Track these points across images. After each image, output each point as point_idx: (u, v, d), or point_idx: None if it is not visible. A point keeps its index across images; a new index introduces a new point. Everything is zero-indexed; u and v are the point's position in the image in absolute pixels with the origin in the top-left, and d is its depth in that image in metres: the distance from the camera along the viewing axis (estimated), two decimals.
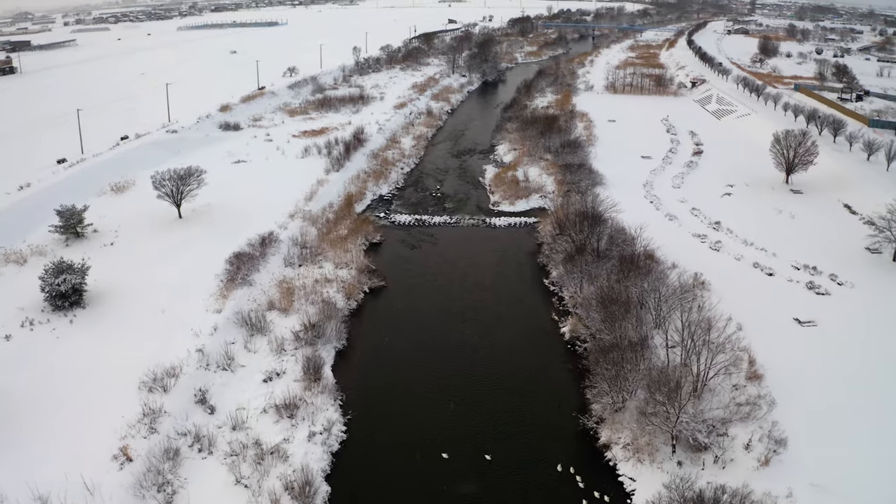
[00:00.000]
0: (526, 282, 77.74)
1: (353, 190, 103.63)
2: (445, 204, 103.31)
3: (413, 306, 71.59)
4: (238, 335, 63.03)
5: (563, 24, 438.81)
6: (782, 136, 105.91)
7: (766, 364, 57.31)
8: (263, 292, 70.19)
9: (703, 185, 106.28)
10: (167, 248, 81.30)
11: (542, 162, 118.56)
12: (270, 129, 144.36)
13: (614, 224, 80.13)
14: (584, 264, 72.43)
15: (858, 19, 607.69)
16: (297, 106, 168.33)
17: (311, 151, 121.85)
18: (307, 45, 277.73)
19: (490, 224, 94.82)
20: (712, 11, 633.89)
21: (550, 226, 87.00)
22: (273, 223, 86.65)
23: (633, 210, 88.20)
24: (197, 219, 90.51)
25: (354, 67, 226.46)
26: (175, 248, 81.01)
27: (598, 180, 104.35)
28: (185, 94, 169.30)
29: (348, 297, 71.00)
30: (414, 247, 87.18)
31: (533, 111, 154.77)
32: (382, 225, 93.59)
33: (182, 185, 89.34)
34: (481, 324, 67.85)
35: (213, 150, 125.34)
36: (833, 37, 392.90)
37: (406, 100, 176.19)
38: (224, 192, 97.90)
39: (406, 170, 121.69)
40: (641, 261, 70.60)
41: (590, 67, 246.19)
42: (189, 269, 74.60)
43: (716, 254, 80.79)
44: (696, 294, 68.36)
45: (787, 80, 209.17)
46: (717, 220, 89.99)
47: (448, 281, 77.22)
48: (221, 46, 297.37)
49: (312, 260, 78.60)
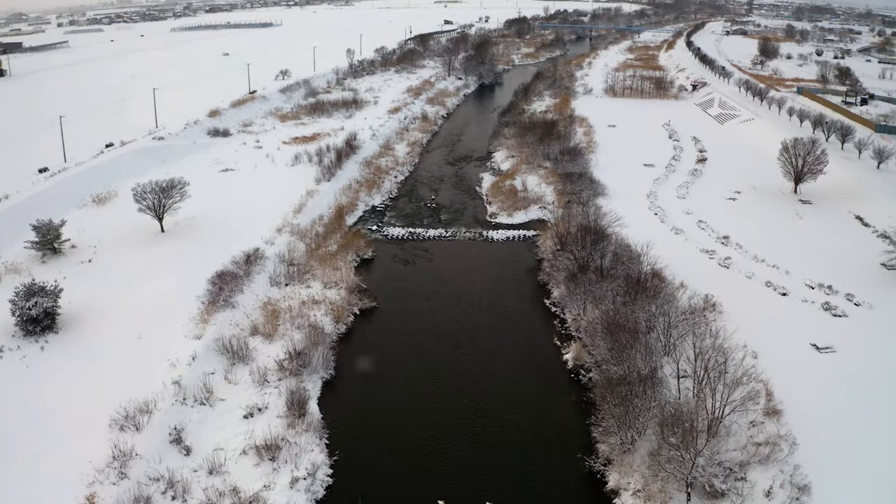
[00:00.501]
0: (525, 302, 73.62)
1: (344, 201, 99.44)
2: (440, 215, 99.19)
3: (405, 330, 67.40)
4: (218, 364, 58.86)
5: (560, 26, 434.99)
6: (791, 145, 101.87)
7: (785, 397, 53.24)
8: (247, 316, 65.98)
9: (709, 196, 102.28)
10: (147, 265, 77.17)
11: (541, 170, 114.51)
12: (261, 135, 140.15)
13: (618, 240, 76.25)
14: (588, 284, 68.54)
15: (856, 20, 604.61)
16: (289, 111, 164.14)
17: (302, 159, 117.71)
18: (301, 46, 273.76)
19: (487, 238, 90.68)
20: (709, 12, 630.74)
21: (551, 240, 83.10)
22: (259, 238, 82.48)
23: (638, 223, 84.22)
24: (180, 233, 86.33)
25: (348, 70, 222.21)
26: (156, 266, 76.89)
27: (600, 190, 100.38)
28: (174, 98, 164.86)
29: (337, 321, 66.81)
30: (407, 263, 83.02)
31: (531, 116, 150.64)
32: (374, 239, 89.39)
33: (164, 199, 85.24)
34: (478, 349, 63.75)
35: (201, 157, 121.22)
36: (832, 38, 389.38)
37: (401, 104, 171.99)
38: (209, 204, 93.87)
39: (400, 178, 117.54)
40: (648, 281, 66.65)
41: (588, 70, 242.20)
42: (169, 290, 70.42)
43: (725, 271, 76.76)
44: (706, 317, 64.56)
45: (789, 82, 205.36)
46: (726, 234, 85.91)
47: (443, 301, 73.09)
48: (214, 48, 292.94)
49: (300, 279, 74.47)
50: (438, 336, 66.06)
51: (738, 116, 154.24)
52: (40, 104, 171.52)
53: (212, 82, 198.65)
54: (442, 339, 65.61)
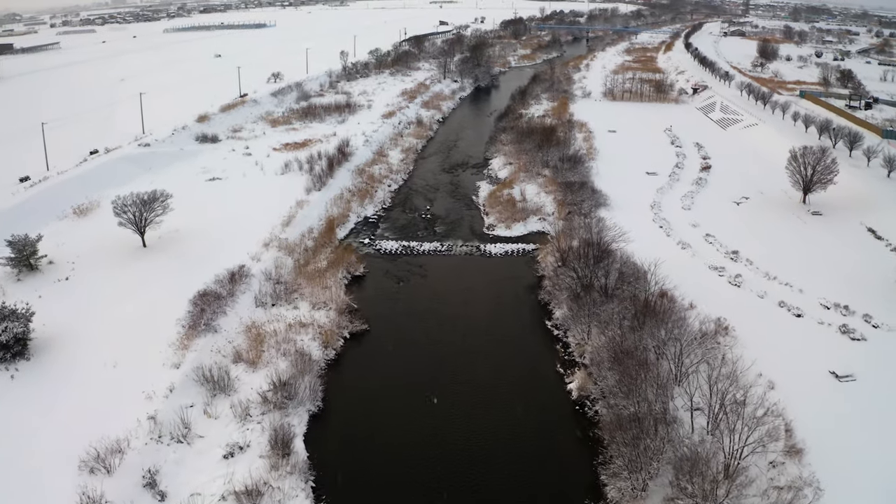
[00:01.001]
0: (526, 324, 69.64)
1: (335, 212, 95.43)
2: (436, 227, 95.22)
3: (399, 355, 63.33)
4: (198, 396, 54.85)
5: (556, 27, 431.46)
6: (799, 153, 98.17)
7: (806, 434, 49.34)
8: (229, 341, 61.94)
9: (715, 206, 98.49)
10: (127, 284, 73.00)
11: (540, 178, 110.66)
12: (250, 141, 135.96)
13: (623, 257, 72.30)
14: (592, 305, 64.69)
15: (852, 20, 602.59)
16: (280, 115, 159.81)
17: (292, 167, 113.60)
18: (294, 48, 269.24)
19: (484, 252, 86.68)
20: (706, 12, 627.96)
21: (551, 256, 79.33)
22: (245, 253, 78.47)
23: (643, 237, 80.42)
24: (163, 248, 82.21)
25: (342, 73, 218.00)
26: (135, 285, 72.73)
27: (602, 201, 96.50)
28: (163, 102, 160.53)
29: (325, 346, 62.80)
30: (401, 280, 78.99)
31: (529, 121, 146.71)
32: (366, 253, 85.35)
33: (146, 212, 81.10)
34: (476, 378, 59.72)
35: (187, 165, 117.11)
36: (830, 38, 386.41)
37: (395, 108, 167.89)
38: (195, 216, 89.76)
39: (394, 187, 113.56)
40: (657, 303, 62.83)
41: (586, 72, 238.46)
42: (148, 312, 66.40)
43: (737, 290, 72.90)
44: (719, 343, 60.78)
45: (790, 85, 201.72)
46: (735, 248, 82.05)
47: (438, 323, 69.09)
48: (206, 49, 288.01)
49: (287, 298, 70.43)
50: (434, 362, 62.07)
51: (741, 121, 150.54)
52: (28, 108, 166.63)
53: (202, 85, 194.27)
54: (438, 365, 61.62)
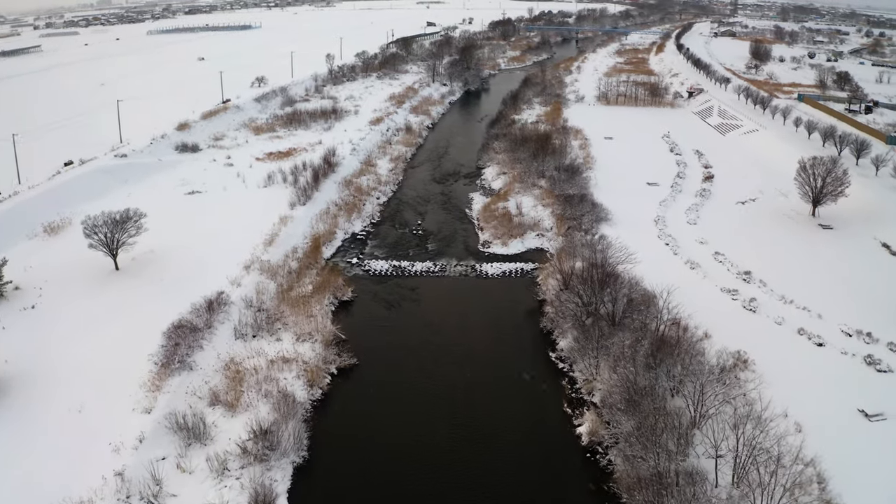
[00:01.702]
0: (528, 356, 64.48)
1: (321, 229, 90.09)
2: (428, 244, 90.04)
3: (391, 393, 58.13)
4: (171, 445, 49.45)
5: (545, 27, 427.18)
6: (809, 164, 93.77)
7: (840, 484, 44.61)
8: (205, 381, 56.51)
9: (721, 221, 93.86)
10: (97, 312, 67.56)
11: (536, 190, 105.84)
12: (232, 150, 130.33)
13: (631, 281, 67.37)
14: (599, 336, 59.83)
15: (841, 19, 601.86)
16: (264, 122, 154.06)
17: (276, 179, 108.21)
18: (280, 50, 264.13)
19: (480, 273, 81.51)
20: (694, 12, 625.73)
21: (553, 278, 74.45)
22: (224, 277, 73.05)
23: (649, 257, 75.32)
24: (137, 271, 76.67)
25: (328, 76, 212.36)
26: (106, 313, 67.31)
27: (603, 215, 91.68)
28: (142, 108, 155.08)
29: (311, 384, 57.49)
30: (392, 306, 73.69)
31: (522, 127, 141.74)
32: (354, 275, 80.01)
33: (118, 233, 75.56)
34: (476, 418, 54.66)
35: (166, 177, 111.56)
36: (821, 39, 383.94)
37: (383, 113, 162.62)
38: (171, 235, 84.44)
39: (382, 200, 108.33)
40: (670, 333, 58.03)
41: (577, 75, 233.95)
42: (119, 345, 61.07)
43: (752, 316, 68.13)
44: (739, 377, 56.03)
45: (787, 87, 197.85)
46: (747, 268, 77.28)
47: (433, 354, 63.88)
48: (190, 52, 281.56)
49: (269, 328, 65.07)
50: (429, 401, 56.98)
51: (741, 127, 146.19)
52: (2, 116, 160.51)
53: (184, 90, 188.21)
54: (434, 404, 56.56)
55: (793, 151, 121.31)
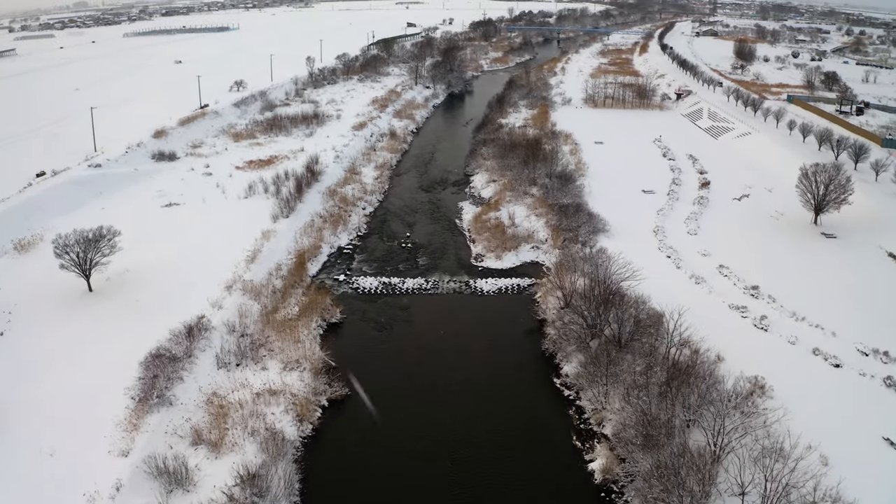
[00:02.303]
0: (530, 381, 60.73)
1: (305, 244, 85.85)
2: (418, 258, 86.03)
3: (387, 427, 53.99)
4: (150, 493, 45.04)
5: (526, 28, 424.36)
6: (811, 171, 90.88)
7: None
8: (187, 419, 52.14)
9: (722, 231, 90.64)
10: (70, 340, 62.88)
11: (528, 198, 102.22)
12: (211, 158, 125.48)
13: (638, 300, 63.78)
14: (608, 361, 56.19)
15: (820, 17, 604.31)
16: (243, 128, 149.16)
17: (257, 189, 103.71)
18: (259, 53, 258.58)
19: (475, 289, 77.53)
20: (673, 11, 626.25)
21: (552, 295, 70.87)
22: (205, 299, 68.62)
23: (651, 271, 71.46)
24: (111, 293, 71.92)
25: (308, 79, 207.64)
26: (80, 341, 62.62)
27: (600, 226, 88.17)
28: (118, 114, 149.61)
29: (301, 419, 53.32)
30: (383, 327, 69.55)
31: (510, 132, 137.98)
32: (343, 293, 75.81)
33: (91, 252, 70.91)
34: (479, 454, 50.74)
35: (142, 188, 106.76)
36: (803, 38, 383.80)
37: (366, 118, 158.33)
38: (148, 252, 79.89)
39: (369, 210, 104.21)
40: (682, 359, 54.57)
41: (562, 76, 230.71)
42: (93, 378, 56.53)
43: (764, 336, 64.77)
44: (756, 404, 52.58)
45: (775, 88, 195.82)
46: (754, 283, 73.97)
47: (430, 381, 59.95)
48: (167, 55, 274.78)
49: (254, 356, 60.76)
50: (428, 434, 53.02)
51: (733, 130, 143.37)
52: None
53: (161, 95, 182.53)
54: (433, 438, 52.61)
55: (789, 156, 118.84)
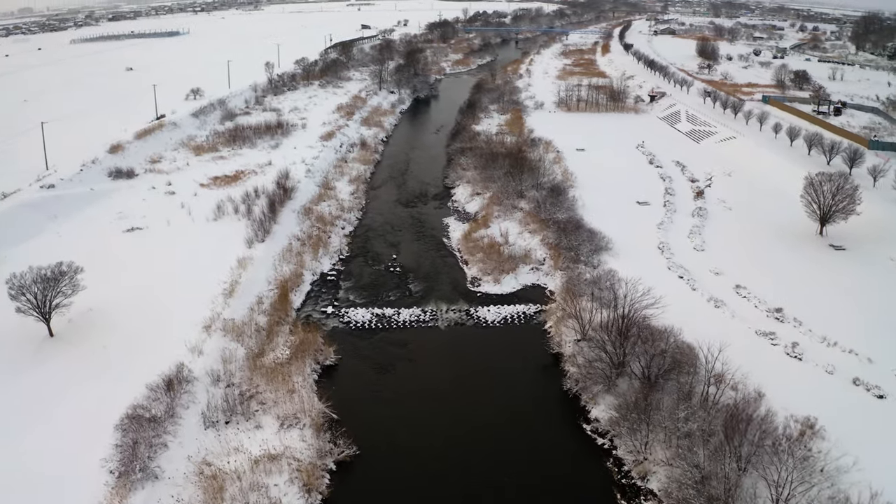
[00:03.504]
0: (556, 428, 54.82)
1: (286, 271, 78.75)
2: (409, 284, 79.49)
3: (403, 493, 47.54)
4: None
5: (484, 29, 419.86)
6: (817, 181, 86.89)
7: None
8: (176, 496, 45.04)
9: (729, 245, 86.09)
10: (29, 398, 54.89)
11: (518, 213, 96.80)
12: (172, 174, 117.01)
13: (667, 332, 58.29)
14: (646, 405, 50.57)
15: (770, 14, 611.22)
16: (204, 140, 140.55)
17: (226, 209, 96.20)
18: (213, 58, 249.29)
19: (478, 320, 71.16)
20: (626, 10, 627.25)
21: (564, 325, 65.26)
22: (182, 343, 61.23)
23: (668, 295, 65.32)
24: (75, 338, 63.90)
25: (268, 86, 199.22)
26: (40, 399, 54.83)
27: (602, 243, 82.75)
28: (70, 127, 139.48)
29: (308, 489, 46.35)
30: (383, 369, 62.73)
31: (488, 141, 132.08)
32: (333, 329, 68.85)
33: (50, 293, 63.00)
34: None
35: (101, 210, 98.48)
36: (760, 35, 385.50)
37: (333, 127, 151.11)
38: (113, 286, 72.13)
39: (348, 229, 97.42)
40: (734, 405, 49.40)
41: (529, 79, 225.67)
42: (61, 446, 48.99)
43: (799, 366, 59.93)
44: (810, 448, 47.46)
45: (745, 88, 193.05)
46: (777, 305, 69.19)
47: (444, 432, 53.62)
48: (117, 62, 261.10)
49: (244, 410, 53.72)
50: (449, 496, 46.89)
51: (715, 133, 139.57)
52: None
53: (114, 105, 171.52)
54: (455, 501, 46.45)
55: (780, 161, 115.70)
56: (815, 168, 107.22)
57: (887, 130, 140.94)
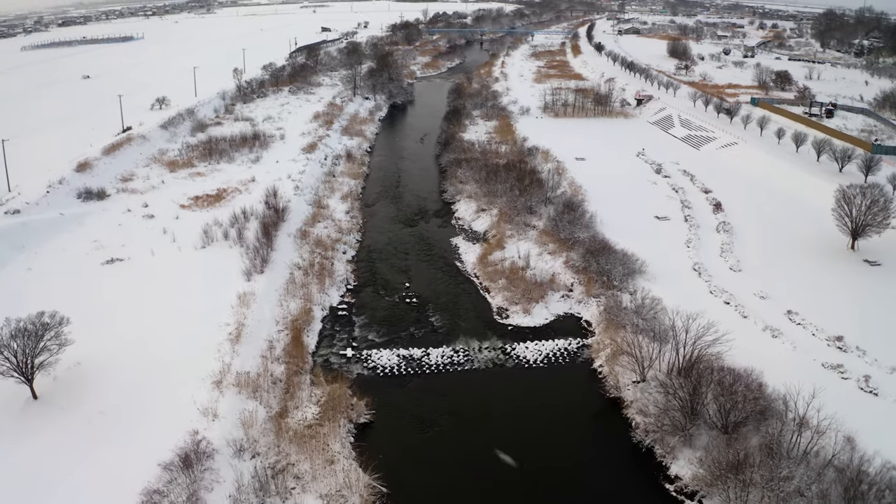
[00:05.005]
0: (637, 489, 48.34)
1: (293, 308, 70.99)
2: (430, 317, 72.29)
3: None
4: None
5: (448, 30, 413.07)
6: (849, 194, 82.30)
7: None
8: None
9: (764, 264, 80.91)
10: (13, 478, 46.64)
11: (531, 231, 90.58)
12: (148, 194, 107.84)
13: (746, 375, 52.29)
14: (742, 462, 44.35)
15: (726, 11, 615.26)
16: (177, 154, 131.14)
17: (214, 235, 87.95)
18: (172, 64, 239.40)
19: (518, 359, 64.14)
20: (583, 10, 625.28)
21: (618, 363, 58.93)
22: (192, 403, 53.29)
23: (725, 328, 59.72)
24: (63, 400, 55.14)
25: (237, 94, 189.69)
26: (27, 481, 46.34)
27: (634, 266, 76.63)
28: (31, 143, 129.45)
29: None
30: (425, 425, 54.97)
31: (484, 151, 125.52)
32: (358, 377, 61.41)
33: (32, 350, 54.39)
34: None
35: (74, 239, 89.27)
36: (724, 33, 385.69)
37: (314, 138, 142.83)
38: (100, 334, 63.43)
39: (350, 254, 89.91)
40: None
41: (505, 82, 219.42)
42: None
43: (877, 403, 55.08)
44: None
45: (729, 90, 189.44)
46: (835, 332, 64.10)
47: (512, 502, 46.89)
48: (72, 69, 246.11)
49: (279, 489, 45.98)
50: None
51: (714, 139, 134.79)
52: None
53: (75, 117, 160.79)
54: None
55: (790, 169, 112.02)
56: (827, 175, 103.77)
57: (886, 133, 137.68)
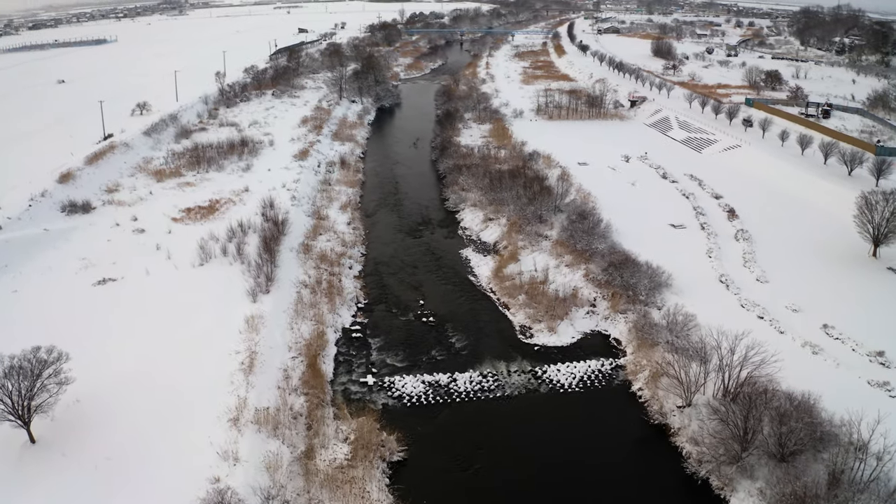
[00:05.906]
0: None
1: (305, 332, 66.71)
2: (450, 338, 68.33)
3: None
4: None
5: (427, 31, 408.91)
6: (872, 201, 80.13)
7: None
8: None
9: (789, 274, 78.32)
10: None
11: (544, 241, 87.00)
12: (136, 206, 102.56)
13: (802, 400, 49.10)
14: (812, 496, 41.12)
15: (701, 9, 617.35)
16: (163, 163, 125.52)
17: (212, 251, 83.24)
18: (149, 67, 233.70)
19: (551, 383, 60.49)
20: (559, 9, 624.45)
21: (657, 386, 55.49)
22: (209, 444, 48.88)
23: (766, 344, 56.33)
24: (66, 445, 50.05)
25: (219, 98, 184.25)
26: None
27: (660, 279, 73.28)
28: (8, 153, 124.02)
29: None
30: (462, 462, 50.81)
31: (484, 157, 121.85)
32: (385, 408, 57.37)
33: (29, 392, 49.57)
34: None
35: (59, 257, 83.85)
36: (703, 32, 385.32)
37: (305, 144, 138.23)
38: (101, 368, 58.37)
39: (357, 269, 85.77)
40: None
41: (493, 84, 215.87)
42: None
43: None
44: None
45: (719, 90, 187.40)
46: (875, 346, 61.60)
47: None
48: (46, 74, 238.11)
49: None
50: None
51: (716, 142, 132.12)
52: None
53: (54, 124, 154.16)
54: None
55: (798, 172, 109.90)
56: (836, 179, 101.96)
57: (886, 134, 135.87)
